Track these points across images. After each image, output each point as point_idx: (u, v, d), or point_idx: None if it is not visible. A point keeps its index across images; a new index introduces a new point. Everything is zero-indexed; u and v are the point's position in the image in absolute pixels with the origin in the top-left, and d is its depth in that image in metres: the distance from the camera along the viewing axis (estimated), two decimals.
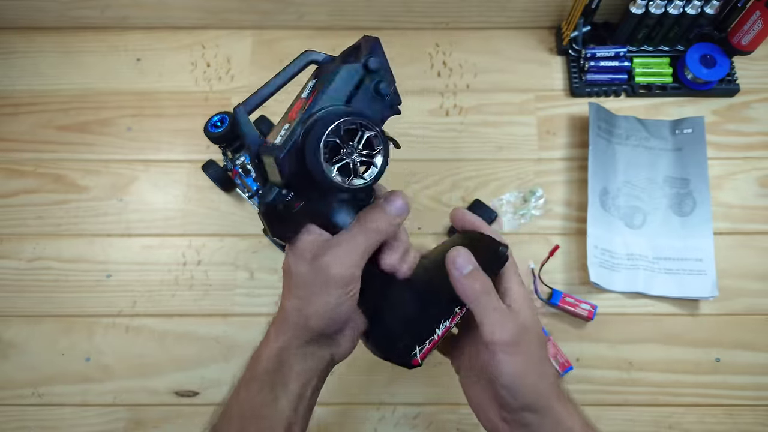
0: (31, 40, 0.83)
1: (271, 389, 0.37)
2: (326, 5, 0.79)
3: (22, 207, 0.74)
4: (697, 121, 0.75)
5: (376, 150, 0.34)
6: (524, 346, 0.35)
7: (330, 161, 0.33)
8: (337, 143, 0.33)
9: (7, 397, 0.67)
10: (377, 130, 0.34)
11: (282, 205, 0.35)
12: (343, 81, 0.34)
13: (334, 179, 0.33)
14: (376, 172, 0.34)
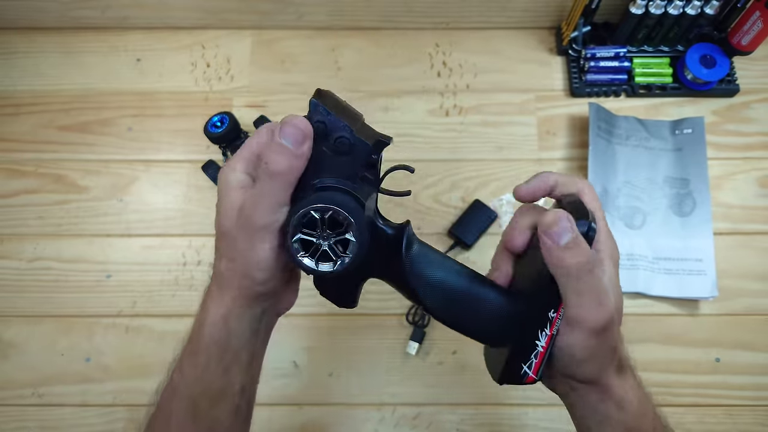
0: (32, 40, 0.83)
1: (220, 360, 0.35)
2: (326, 5, 0.79)
3: (23, 207, 0.74)
4: (697, 122, 0.75)
5: (344, 224, 0.32)
6: (606, 335, 0.32)
7: (309, 257, 0.33)
8: (314, 220, 0.32)
9: (7, 397, 0.67)
10: (359, 239, 0.32)
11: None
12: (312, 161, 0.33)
13: (321, 271, 0.33)
14: (330, 269, 0.33)
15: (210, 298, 0.36)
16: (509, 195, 0.73)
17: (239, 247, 0.33)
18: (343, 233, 0.32)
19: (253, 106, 0.79)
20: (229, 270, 0.34)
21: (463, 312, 0.36)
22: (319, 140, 0.33)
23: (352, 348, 0.69)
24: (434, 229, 0.73)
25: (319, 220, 0.32)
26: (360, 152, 0.33)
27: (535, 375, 0.35)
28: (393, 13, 0.80)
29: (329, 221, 0.32)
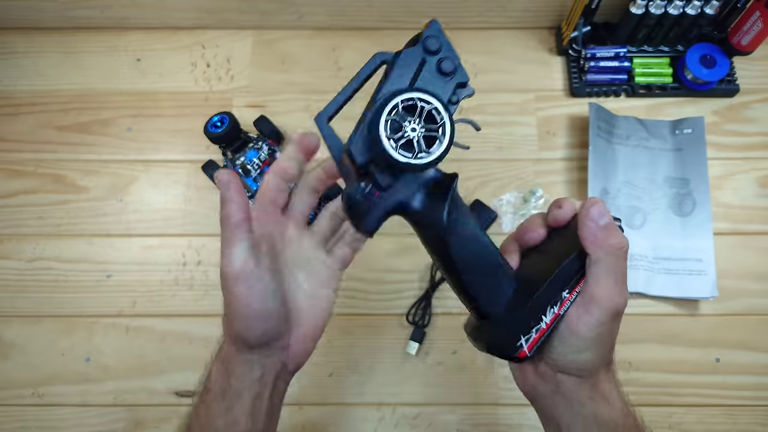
0: (31, 40, 0.83)
1: (223, 398, 0.36)
2: (326, 5, 0.79)
3: (22, 207, 0.74)
4: (697, 122, 0.75)
5: (439, 123, 0.33)
6: (616, 323, 0.34)
7: (394, 140, 0.32)
8: (397, 121, 0.32)
9: (7, 397, 0.67)
10: (437, 103, 0.33)
11: (361, 197, 0.35)
12: (404, 66, 0.34)
13: (398, 157, 0.32)
14: (443, 148, 0.33)
15: (220, 345, 0.39)
16: (509, 195, 0.73)
17: (224, 299, 0.35)
18: (434, 131, 0.33)
19: (253, 106, 0.79)
20: (224, 320, 0.37)
21: (482, 270, 0.37)
22: (427, 55, 0.34)
23: (352, 348, 0.69)
24: None
25: (418, 109, 0.33)
26: (453, 86, 0.35)
27: (528, 351, 0.35)
28: (393, 13, 0.80)
29: (427, 114, 0.33)
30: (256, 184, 0.69)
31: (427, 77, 0.34)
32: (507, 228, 0.72)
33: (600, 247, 0.33)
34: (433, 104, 0.33)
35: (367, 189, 0.34)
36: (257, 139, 0.72)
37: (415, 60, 0.34)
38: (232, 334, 0.36)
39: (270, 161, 0.70)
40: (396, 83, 0.34)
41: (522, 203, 0.73)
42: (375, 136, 0.32)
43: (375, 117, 0.32)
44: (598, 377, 0.35)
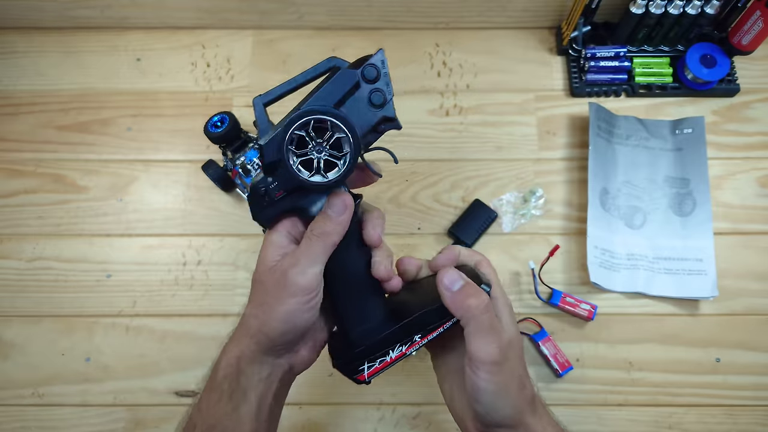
0: (31, 40, 0.83)
1: (230, 398, 0.37)
2: (326, 5, 0.79)
3: (22, 207, 0.74)
4: (697, 121, 0.75)
5: (345, 151, 0.34)
6: (507, 365, 0.35)
7: (296, 154, 0.34)
8: (304, 138, 0.34)
9: (7, 397, 0.67)
10: (347, 133, 0.34)
11: (264, 190, 0.36)
12: (336, 85, 0.35)
13: (297, 171, 0.34)
14: (340, 171, 0.35)
15: (231, 339, 0.39)
16: (509, 195, 0.73)
17: (268, 298, 0.36)
18: (336, 158, 0.35)
19: None
20: (254, 316, 0.37)
21: (354, 290, 0.39)
22: (363, 81, 0.35)
23: None
24: (434, 229, 0.73)
25: (328, 133, 0.34)
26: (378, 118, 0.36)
27: (367, 377, 0.38)
28: (393, 13, 0.80)
29: (335, 141, 0.34)
30: None
31: (355, 103, 0.35)
32: (507, 228, 0.72)
33: (461, 309, 0.35)
34: (343, 135, 0.34)
35: (272, 185, 0.36)
36: (257, 139, 0.72)
37: (350, 82, 0.35)
38: (262, 335, 0.37)
39: None
40: (323, 99, 0.35)
41: (522, 203, 0.73)
42: (280, 145, 0.34)
43: (287, 127, 0.34)
44: (525, 421, 0.36)
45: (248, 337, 0.38)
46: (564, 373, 0.65)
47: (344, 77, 0.35)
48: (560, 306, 0.67)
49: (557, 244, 0.70)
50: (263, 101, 0.36)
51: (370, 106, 0.35)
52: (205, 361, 0.67)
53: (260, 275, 0.37)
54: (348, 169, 0.35)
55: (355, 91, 0.35)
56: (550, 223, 0.73)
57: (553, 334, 0.67)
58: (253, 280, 0.38)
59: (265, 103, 0.36)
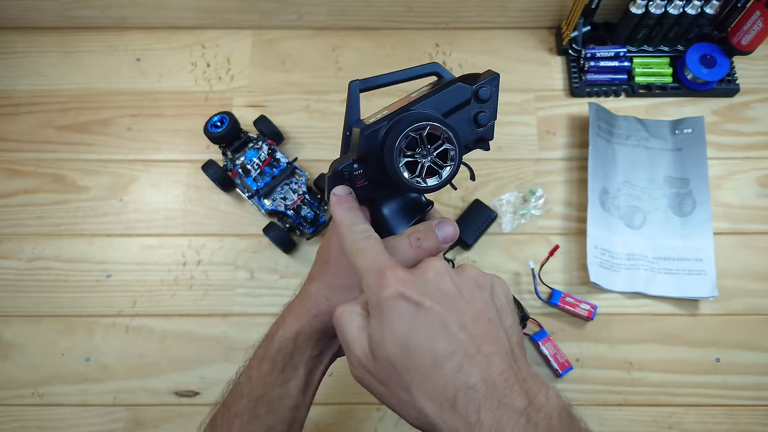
0: (31, 40, 0.83)
1: (282, 371, 0.38)
2: (326, 5, 0.79)
3: (22, 207, 0.74)
4: (697, 121, 0.75)
5: (448, 164, 0.35)
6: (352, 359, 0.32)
7: (404, 154, 0.35)
8: (416, 141, 0.34)
9: (7, 397, 0.67)
10: (456, 147, 0.35)
11: (348, 174, 0.37)
12: (449, 96, 0.36)
13: (400, 170, 0.34)
14: (439, 182, 0.35)
15: (289, 312, 0.40)
16: (509, 195, 0.73)
17: (343, 281, 0.37)
18: (440, 167, 0.35)
19: (253, 106, 0.79)
20: (324, 297, 0.38)
21: None
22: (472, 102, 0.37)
23: None
24: None
25: (439, 142, 0.35)
26: (475, 137, 0.38)
27: None
28: (393, 13, 0.80)
29: (442, 151, 0.35)
30: (256, 183, 0.69)
31: (459, 118, 0.37)
32: (507, 228, 0.72)
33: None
34: (454, 148, 0.35)
35: (357, 172, 0.37)
36: (257, 139, 0.72)
37: (462, 97, 0.36)
38: (327, 317, 0.37)
39: (270, 161, 0.70)
40: (435, 107, 0.36)
41: (522, 203, 0.73)
42: (392, 141, 0.34)
43: (402, 125, 0.34)
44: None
45: (311, 316, 0.38)
46: (564, 373, 0.65)
47: (458, 92, 0.36)
48: (560, 306, 0.67)
49: (557, 244, 0.70)
50: (360, 87, 0.38)
51: (474, 124, 0.37)
52: (204, 362, 0.68)
53: (338, 255, 0.37)
54: (447, 180, 0.35)
55: (464, 107, 0.37)
56: (550, 223, 0.73)
57: (553, 334, 0.67)
58: (326, 256, 0.38)
59: (360, 89, 0.38)
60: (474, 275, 0.32)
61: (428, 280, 0.30)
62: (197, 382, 0.67)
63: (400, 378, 0.29)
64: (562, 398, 0.29)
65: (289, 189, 0.70)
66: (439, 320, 0.29)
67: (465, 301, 0.30)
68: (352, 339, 0.31)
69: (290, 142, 0.77)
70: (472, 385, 0.28)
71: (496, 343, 0.29)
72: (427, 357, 0.29)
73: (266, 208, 0.69)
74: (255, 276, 0.71)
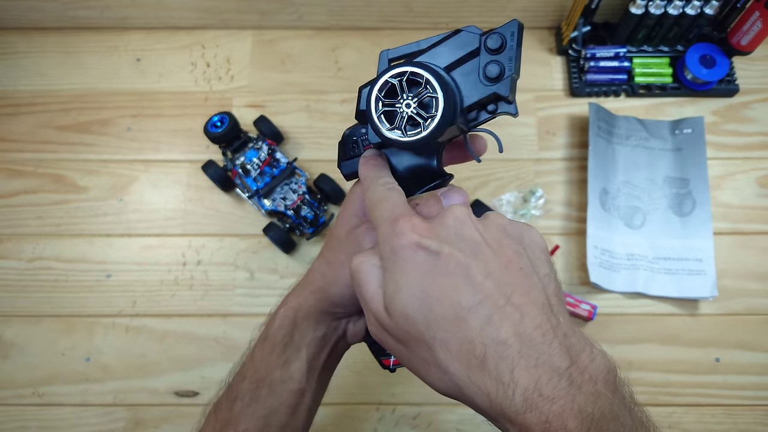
0: (31, 40, 0.83)
1: (283, 351, 0.36)
2: (326, 5, 0.79)
3: (22, 207, 0.74)
4: (696, 122, 0.75)
5: (430, 114, 0.31)
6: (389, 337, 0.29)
7: (383, 103, 0.31)
8: (395, 88, 0.31)
9: (7, 397, 0.67)
10: (441, 95, 0.30)
11: (355, 140, 0.34)
12: (454, 45, 0.32)
13: (375, 120, 0.31)
14: (422, 134, 0.31)
15: (293, 290, 0.38)
16: (509, 195, 0.73)
17: (341, 256, 0.34)
18: (422, 118, 0.31)
19: (253, 106, 0.79)
20: (321, 273, 0.36)
21: None
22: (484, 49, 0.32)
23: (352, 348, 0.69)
24: None
25: (397, 87, 0.31)
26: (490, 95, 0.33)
27: (392, 364, 0.36)
28: (393, 13, 0.80)
29: (408, 83, 0.31)
30: (256, 183, 0.69)
31: (469, 70, 0.32)
32: None
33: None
34: (437, 94, 0.30)
35: (363, 137, 0.34)
36: (257, 139, 0.72)
37: (469, 46, 0.32)
38: (322, 293, 0.36)
39: (270, 161, 0.70)
40: (434, 57, 0.32)
41: (522, 203, 0.73)
42: (368, 89, 0.31)
43: (381, 73, 0.31)
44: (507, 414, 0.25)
45: (309, 292, 0.37)
46: None
47: (463, 39, 0.32)
48: None
49: (557, 244, 0.70)
50: (389, 56, 0.34)
51: (483, 78, 0.32)
52: (204, 362, 0.68)
53: (338, 229, 0.35)
54: (431, 134, 0.31)
55: (472, 58, 0.32)
56: (550, 223, 0.73)
57: None
58: (330, 234, 0.37)
59: (390, 59, 0.34)
60: (501, 222, 0.29)
61: (447, 227, 0.27)
62: (197, 382, 0.67)
63: (420, 335, 0.26)
64: (608, 358, 0.26)
65: (289, 189, 0.70)
66: (461, 269, 0.26)
67: (491, 248, 0.27)
68: (371, 295, 0.28)
69: (290, 142, 0.77)
70: (503, 340, 0.24)
71: (529, 292, 0.26)
72: (449, 309, 0.25)
73: (266, 208, 0.70)
74: (255, 276, 0.71)
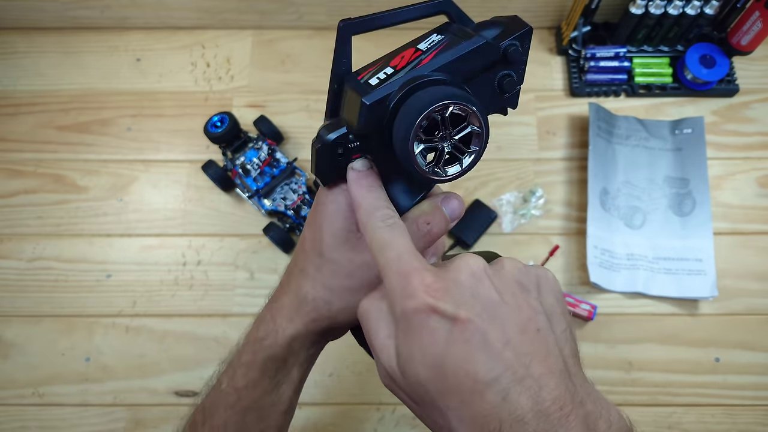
0: (31, 40, 0.83)
1: (274, 376, 0.35)
2: (326, 5, 0.79)
3: (22, 207, 0.74)
4: (696, 121, 0.75)
5: (471, 149, 0.29)
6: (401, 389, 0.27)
7: (421, 140, 0.28)
8: (435, 123, 0.28)
9: (7, 397, 0.67)
10: (484, 127, 0.28)
11: (342, 150, 0.30)
12: (473, 57, 0.29)
13: (416, 159, 0.28)
14: (459, 170, 0.29)
15: (281, 313, 0.34)
16: (509, 195, 0.73)
17: (349, 283, 0.32)
18: (465, 128, 0.28)
19: (253, 106, 0.79)
20: (322, 300, 0.33)
21: None
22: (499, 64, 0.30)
23: (352, 348, 0.68)
24: None
25: (439, 120, 0.28)
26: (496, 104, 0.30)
27: None
28: None
29: (451, 118, 0.28)
30: (256, 183, 0.69)
31: (482, 83, 0.30)
32: (507, 228, 0.72)
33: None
34: (481, 128, 0.28)
35: (352, 144, 0.30)
36: (257, 139, 0.72)
37: (489, 58, 0.29)
38: (328, 321, 0.33)
39: (270, 161, 0.70)
40: (452, 71, 0.29)
41: (522, 203, 0.73)
42: (405, 124, 0.27)
43: (419, 104, 0.27)
44: None
45: (309, 320, 0.33)
46: None
47: (485, 51, 0.29)
48: None
49: (557, 244, 0.70)
50: (352, 30, 0.29)
51: (498, 91, 0.30)
52: (204, 362, 0.68)
53: (333, 250, 0.31)
54: (470, 166, 0.29)
55: (489, 70, 0.29)
56: (550, 223, 0.73)
57: None
58: (317, 252, 0.32)
59: (353, 32, 0.29)
60: (515, 273, 0.27)
61: (463, 286, 0.25)
62: (197, 382, 0.67)
63: (433, 402, 0.25)
64: (624, 419, 0.25)
65: (289, 189, 0.70)
66: (478, 336, 0.24)
67: (508, 308, 0.25)
68: (380, 346, 0.27)
69: (290, 142, 0.77)
70: (520, 417, 0.23)
71: (546, 359, 0.24)
72: (465, 382, 0.24)
73: (266, 208, 0.70)
74: (255, 276, 0.71)
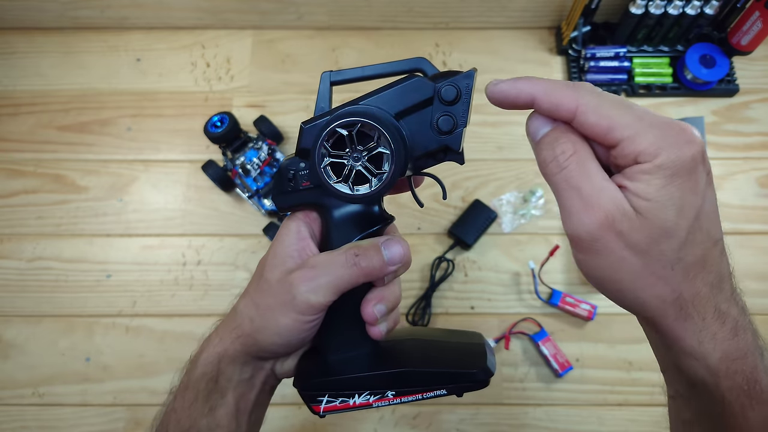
0: (31, 40, 0.83)
1: (207, 399, 0.34)
2: (326, 5, 0.79)
3: (22, 207, 0.74)
4: (696, 121, 0.75)
5: (382, 171, 0.30)
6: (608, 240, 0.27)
7: (329, 153, 0.30)
8: (343, 139, 0.30)
9: (7, 397, 0.67)
10: (393, 152, 0.30)
11: (292, 174, 0.32)
12: (407, 92, 0.31)
13: (322, 171, 0.31)
14: (368, 190, 0.31)
15: (216, 332, 0.36)
16: (509, 195, 0.73)
17: (270, 302, 0.33)
18: (374, 148, 0.30)
19: (253, 106, 0.79)
20: (249, 318, 0.34)
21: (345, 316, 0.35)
22: (435, 103, 0.31)
23: None
24: (434, 229, 0.73)
25: (347, 138, 0.30)
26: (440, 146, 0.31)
27: (321, 411, 0.35)
28: (393, 13, 0.80)
29: (358, 136, 0.30)
30: (256, 183, 0.69)
31: (418, 120, 0.31)
32: (507, 228, 0.72)
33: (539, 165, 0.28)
34: (388, 152, 0.30)
35: (302, 171, 0.32)
36: (257, 139, 0.72)
37: (423, 95, 0.31)
38: (251, 339, 0.34)
39: (270, 161, 0.70)
40: (386, 103, 0.31)
41: (522, 203, 0.73)
42: (315, 137, 0.30)
43: (330, 120, 0.30)
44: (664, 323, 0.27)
45: (236, 336, 0.34)
46: (564, 373, 0.65)
47: (418, 86, 0.30)
48: (560, 306, 0.67)
49: (557, 244, 0.70)
50: (331, 78, 0.33)
51: (435, 130, 0.31)
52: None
53: (270, 271, 0.33)
54: (380, 190, 0.31)
55: (425, 107, 0.31)
56: (550, 223, 0.73)
57: (553, 334, 0.67)
58: (260, 273, 0.34)
59: (332, 82, 0.33)
60: None
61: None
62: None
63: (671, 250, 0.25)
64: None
65: None
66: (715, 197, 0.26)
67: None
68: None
69: (290, 142, 0.77)
70: (729, 274, 0.28)
71: None
72: (710, 236, 0.26)
73: (266, 208, 0.70)
74: None
